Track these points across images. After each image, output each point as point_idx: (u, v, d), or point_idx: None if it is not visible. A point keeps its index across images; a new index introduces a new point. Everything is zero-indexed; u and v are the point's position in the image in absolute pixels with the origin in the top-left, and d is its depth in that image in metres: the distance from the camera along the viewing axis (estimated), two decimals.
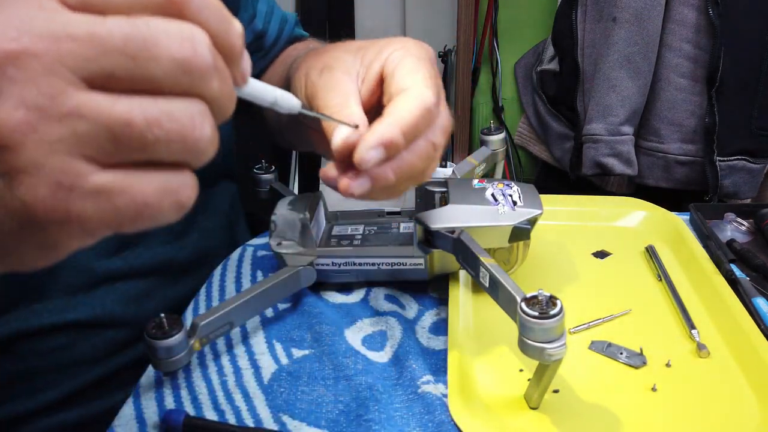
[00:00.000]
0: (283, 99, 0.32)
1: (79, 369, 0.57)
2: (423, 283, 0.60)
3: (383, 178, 0.39)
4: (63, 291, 0.54)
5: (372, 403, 0.47)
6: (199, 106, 0.25)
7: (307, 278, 0.57)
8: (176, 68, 0.24)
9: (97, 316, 0.56)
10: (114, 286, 0.57)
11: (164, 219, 0.26)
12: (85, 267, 0.55)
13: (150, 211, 0.26)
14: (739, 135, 1.17)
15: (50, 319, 0.54)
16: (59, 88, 0.23)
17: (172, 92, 0.25)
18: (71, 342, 0.56)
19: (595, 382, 0.48)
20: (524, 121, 1.56)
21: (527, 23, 1.61)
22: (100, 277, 0.56)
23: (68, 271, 0.54)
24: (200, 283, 0.63)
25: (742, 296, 0.55)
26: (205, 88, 0.25)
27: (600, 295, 0.59)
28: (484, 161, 0.70)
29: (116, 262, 0.57)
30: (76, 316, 0.55)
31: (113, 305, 0.57)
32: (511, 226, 0.54)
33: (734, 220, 0.70)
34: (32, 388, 0.55)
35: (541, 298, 0.40)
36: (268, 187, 0.69)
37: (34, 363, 0.55)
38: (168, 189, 0.26)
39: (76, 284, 0.55)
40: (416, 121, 0.38)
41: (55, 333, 0.55)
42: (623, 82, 1.19)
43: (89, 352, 0.57)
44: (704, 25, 1.14)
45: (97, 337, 0.57)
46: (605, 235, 0.69)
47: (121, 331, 0.58)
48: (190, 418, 0.45)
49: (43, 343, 0.54)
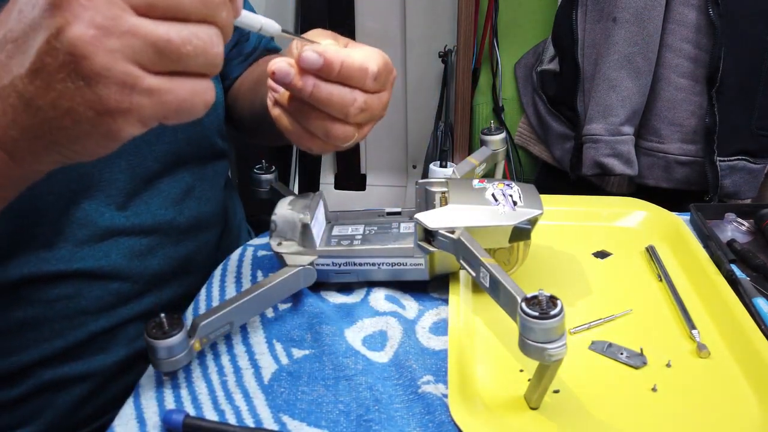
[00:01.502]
0: (267, 24, 0.42)
1: (84, 319, 0.59)
2: (423, 283, 0.60)
3: (301, 87, 0.45)
4: (69, 242, 0.57)
5: (372, 403, 0.47)
6: (215, 30, 0.35)
7: (308, 278, 0.57)
8: (199, 2, 0.33)
9: (101, 267, 0.59)
10: (118, 240, 0.60)
11: (196, 113, 0.35)
12: (90, 221, 0.58)
13: (186, 106, 0.35)
14: (740, 135, 1.17)
15: (57, 266, 0.56)
16: (117, 14, 0.31)
17: (196, 20, 0.34)
18: (77, 292, 0.58)
19: (596, 382, 0.48)
20: (524, 121, 1.56)
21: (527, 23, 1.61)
22: (105, 231, 0.59)
23: (74, 224, 0.57)
24: (198, 245, 0.66)
25: (743, 296, 0.55)
26: (218, 17, 0.34)
27: (600, 296, 0.59)
28: (485, 161, 0.70)
29: (120, 218, 0.60)
30: (81, 265, 0.57)
31: (117, 258, 0.60)
32: (512, 226, 0.54)
33: (734, 221, 0.70)
34: (39, 337, 0.58)
35: (542, 298, 0.41)
36: (269, 187, 0.69)
37: (41, 311, 0.57)
38: (197, 91, 0.35)
39: (82, 237, 0.57)
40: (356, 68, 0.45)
41: (62, 281, 0.57)
42: (623, 82, 1.19)
43: (94, 303, 0.59)
44: (704, 25, 1.14)
45: (102, 289, 0.59)
46: (605, 235, 0.69)
47: (125, 284, 0.61)
48: (191, 418, 0.45)
49: (49, 291, 0.57)
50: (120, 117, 0.33)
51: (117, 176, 0.59)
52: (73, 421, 0.62)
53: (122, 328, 0.62)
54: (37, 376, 0.59)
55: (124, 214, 0.60)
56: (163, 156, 0.62)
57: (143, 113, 0.33)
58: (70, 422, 0.62)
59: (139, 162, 0.60)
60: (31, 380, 0.59)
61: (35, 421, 0.60)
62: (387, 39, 1.90)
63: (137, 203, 0.61)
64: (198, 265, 0.67)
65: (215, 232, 0.69)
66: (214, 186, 0.70)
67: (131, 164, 0.60)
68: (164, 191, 0.63)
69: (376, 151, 2.04)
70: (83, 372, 0.60)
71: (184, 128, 0.63)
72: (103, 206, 0.58)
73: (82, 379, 0.61)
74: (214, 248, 0.69)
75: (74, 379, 0.60)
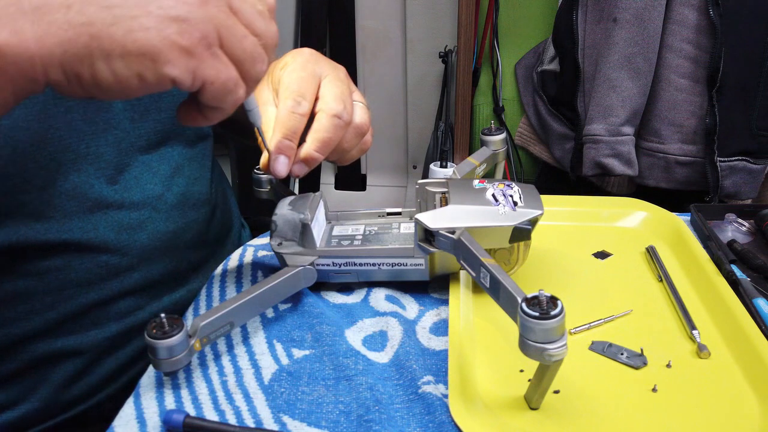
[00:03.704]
0: (255, 112, 0.52)
1: (75, 292, 0.60)
2: (423, 284, 0.60)
3: (301, 170, 0.57)
4: (58, 213, 0.58)
5: (372, 403, 0.47)
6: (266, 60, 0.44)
7: (308, 278, 0.57)
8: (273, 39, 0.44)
9: (90, 240, 0.60)
10: (107, 213, 0.61)
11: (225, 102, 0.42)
12: (78, 193, 0.59)
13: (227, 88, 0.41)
14: (740, 135, 1.17)
15: (46, 236, 0.57)
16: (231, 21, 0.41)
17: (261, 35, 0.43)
18: (66, 264, 0.59)
19: (596, 382, 0.48)
20: (525, 122, 1.56)
21: (528, 24, 1.61)
22: (93, 204, 0.60)
23: (62, 195, 0.58)
24: (187, 222, 0.67)
25: (743, 297, 0.55)
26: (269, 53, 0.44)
27: (601, 296, 0.59)
28: (485, 162, 0.70)
29: (108, 191, 0.61)
30: (69, 236, 0.59)
31: (106, 231, 0.61)
32: (512, 227, 0.54)
33: (735, 221, 0.70)
34: (31, 310, 0.59)
35: (542, 298, 0.40)
36: (269, 187, 0.69)
37: (31, 283, 0.58)
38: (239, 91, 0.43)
39: (70, 208, 0.59)
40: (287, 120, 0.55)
41: (51, 253, 0.58)
42: (624, 82, 1.19)
43: (84, 275, 0.60)
44: (705, 26, 1.14)
45: (91, 261, 0.60)
46: (606, 235, 0.69)
47: (114, 257, 0.61)
48: (191, 418, 0.45)
49: (39, 262, 0.58)
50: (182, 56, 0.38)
51: (103, 150, 0.60)
52: (68, 398, 0.63)
53: (114, 302, 0.63)
54: (31, 350, 0.60)
55: (114, 187, 0.61)
56: (148, 133, 0.64)
57: (199, 67, 0.39)
58: (65, 398, 0.63)
59: (124, 136, 0.62)
60: (26, 354, 0.60)
61: (30, 397, 0.62)
62: (387, 39, 1.90)
63: (127, 177, 0.62)
64: (187, 242, 0.68)
65: (203, 211, 0.70)
66: (203, 166, 0.71)
67: (117, 138, 0.61)
68: (154, 167, 0.65)
69: (377, 151, 2.04)
70: (76, 346, 0.62)
71: (169, 108, 0.65)
72: (92, 179, 0.59)
73: (75, 353, 0.62)
74: (203, 226, 0.70)
75: (67, 353, 0.61)
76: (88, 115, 0.59)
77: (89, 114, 0.59)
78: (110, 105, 0.61)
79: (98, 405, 0.65)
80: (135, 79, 0.38)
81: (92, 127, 0.59)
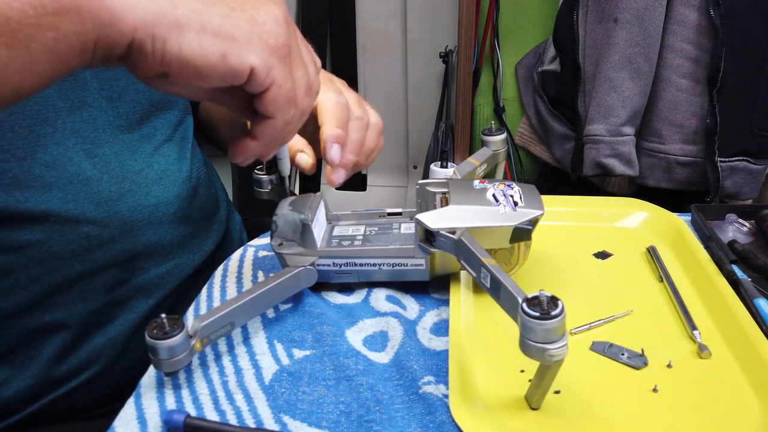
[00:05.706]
0: (285, 162, 0.60)
1: (58, 264, 0.61)
2: (424, 284, 0.60)
3: (350, 161, 0.58)
4: (38, 182, 0.59)
5: (373, 403, 0.47)
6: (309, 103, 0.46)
7: (308, 279, 0.57)
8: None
9: (69, 210, 0.61)
10: (87, 185, 0.62)
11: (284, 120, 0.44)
12: (58, 164, 0.60)
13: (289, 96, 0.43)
14: (741, 136, 1.17)
15: (26, 205, 0.59)
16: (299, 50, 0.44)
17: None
18: (47, 236, 0.60)
19: (597, 383, 0.48)
20: (525, 122, 1.56)
21: (528, 24, 1.61)
22: (73, 176, 0.61)
23: (42, 165, 0.59)
24: (169, 197, 0.68)
25: (744, 297, 0.55)
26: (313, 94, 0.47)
27: (601, 296, 0.59)
28: (485, 162, 0.70)
29: (87, 164, 0.62)
30: (49, 207, 0.60)
31: (85, 203, 0.62)
32: (512, 227, 0.54)
33: (735, 221, 0.70)
34: (15, 284, 0.60)
35: (543, 298, 0.40)
36: (270, 187, 0.69)
37: (14, 258, 0.59)
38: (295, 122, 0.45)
39: (50, 179, 0.60)
40: (337, 110, 0.57)
41: (32, 224, 0.59)
42: (624, 82, 1.19)
43: (66, 247, 0.61)
44: (705, 26, 1.13)
45: (73, 233, 0.61)
46: (606, 235, 0.69)
47: (95, 228, 0.62)
48: (192, 418, 0.45)
49: (20, 235, 0.59)
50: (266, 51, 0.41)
51: (79, 126, 0.62)
52: (58, 374, 0.64)
53: (98, 275, 0.63)
54: (18, 326, 0.61)
55: (92, 161, 0.63)
56: (127, 113, 0.66)
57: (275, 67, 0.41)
58: (55, 374, 0.64)
59: (99, 114, 0.63)
60: (14, 330, 0.61)
61: (21, 374, 0.62)
62: (387, 39, 1.90)
63: (107, 153, 0.64)
64: (169, 216, 0.68)
65: (185, 188, 0.71)
66: (182, 147, 0.73)
67: (92, 116, 0.63)
68: (134, 146, 0.66)
69: None
70: (63, 320, 0.62)
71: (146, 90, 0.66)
72: (71, 152, 0.61)
73: (62, 327, 0.63)
74: (186, 202, 0.71)
75: (54, 327, 0.62)
76: (63, 92, 0.61)
77: (64, 91, 0.61)
78: (85, 83, 0.62)
79: (89, 380, 0.66)
80: (219, 56, 0.39)
81: (67, 103, 0.61)
